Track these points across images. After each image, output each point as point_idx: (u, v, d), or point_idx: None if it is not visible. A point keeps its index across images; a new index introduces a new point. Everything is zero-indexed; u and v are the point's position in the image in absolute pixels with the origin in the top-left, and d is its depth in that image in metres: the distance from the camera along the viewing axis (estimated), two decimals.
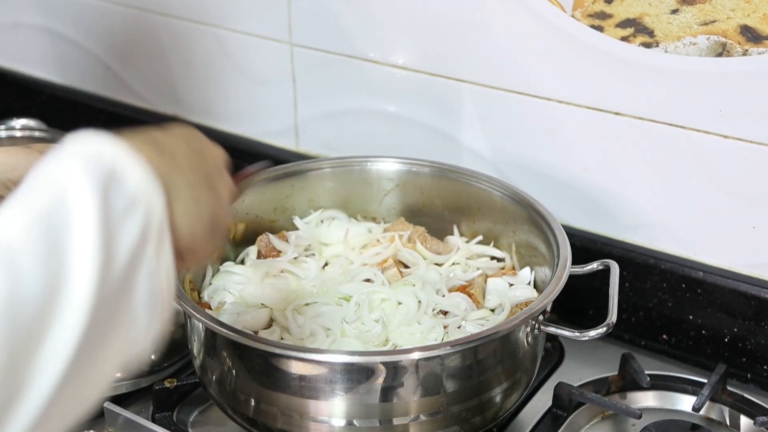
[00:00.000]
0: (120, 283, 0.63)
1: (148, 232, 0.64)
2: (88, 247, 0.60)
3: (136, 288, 0.64)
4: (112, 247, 0.62)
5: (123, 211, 0.63)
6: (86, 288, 0.60)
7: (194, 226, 0.71)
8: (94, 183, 0.62)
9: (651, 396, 1.16)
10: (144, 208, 0.64)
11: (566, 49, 1.19)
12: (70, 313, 0.59)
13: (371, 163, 1.26)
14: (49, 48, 1.73)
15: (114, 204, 0.62)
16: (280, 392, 0.96)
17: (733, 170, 1.14)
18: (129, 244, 0.63)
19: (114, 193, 0.63)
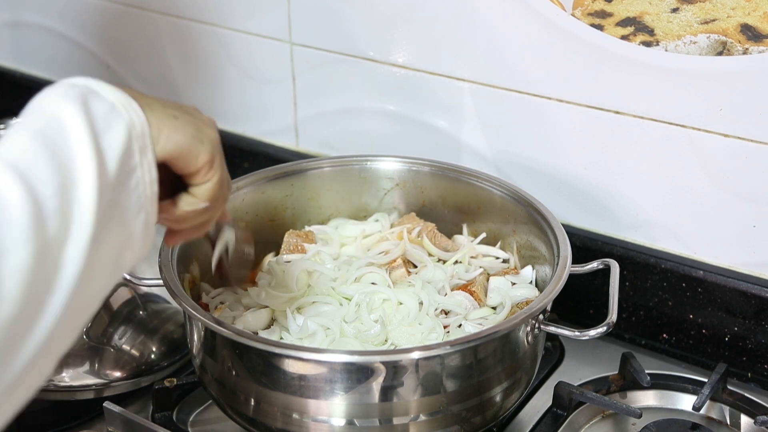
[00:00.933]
0: (114, 183, 0.68)
1: (132, 136, 0.70)
2: (85, 151, 0.66)
3: (125, 182, 0.69)
4: (103, 150, 0.67)
5: (105, 118, 0.69)
6: (91, 187, 0.65)
7: (176, 134, 0.74)
8: (74, 99, 0.68)
9: (651, 395, 1.16)
10: (124, 114, 0.70)
11: (566, 48, 1.18)
12: (84, 210, 0.64)
13: (371, 162, 1.26)
14: (49, 47, 1.73)
15: (95, 112, 0.68)
16: (279, 392, 0.96)
17: (734, 169, 1.14)
18: (117, 147, 0.68)
19: (93, 104, 0.69)
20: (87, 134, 0.66)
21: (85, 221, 0.64)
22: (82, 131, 0.66)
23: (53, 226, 0.62)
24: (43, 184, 0.63)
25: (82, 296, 0.66)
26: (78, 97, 0.68)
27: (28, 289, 0.60)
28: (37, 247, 0.61)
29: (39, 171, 0.63)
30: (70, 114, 0.67)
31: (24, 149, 0.64)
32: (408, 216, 1.24)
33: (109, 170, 0.67)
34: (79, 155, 0.65)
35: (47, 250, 0.62)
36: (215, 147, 0.78)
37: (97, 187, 0.65)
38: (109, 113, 0.69)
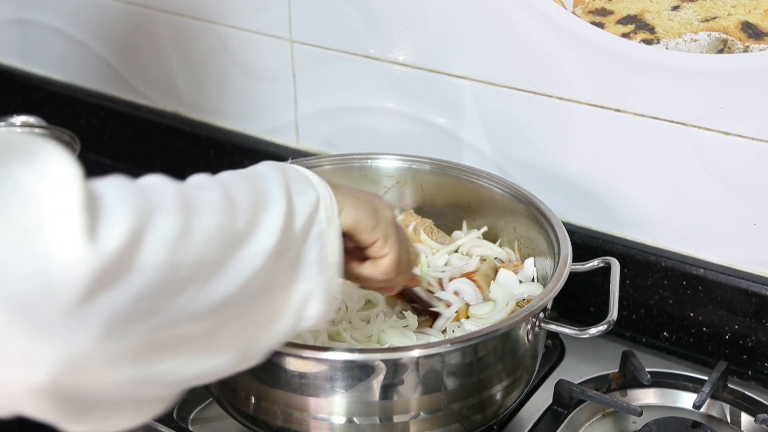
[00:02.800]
0: (299, 236, 0.78)
1: (320, 205, 0.80)
2: (279, 193, 0.77)
3: (308, 242, 0.79)
4: (294, 204, 0.78)
5: (299, 184, 0.80)
6: (279, 213, 0.75)
7: (355, 210, 0.85)
8: (274, 166, 0.82)
9: (652, 393, 1.16)
10: (316, 186, 0.81)
11: (567, 46, 1.18)
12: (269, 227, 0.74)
13: (371, 160, 1.26)
14: (50, 45, 1.73)
15: (292, 177, 0.80)
16: (280, 390, 0.96)
17: (734, 167, 1.14)
18: (307, 207, 0.79)
19: (291, 172, 0.81)
20: (282, 184, 0.78)
21: (270, 234, 0.74)
22: (279, 181, 0.78)
23: (242, 220, 0.72)
24: (238, 194, 0.74)
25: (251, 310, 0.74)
26: (279, 166, 0.82)
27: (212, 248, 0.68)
28: (226, 223, 0.70)
29: (237, 187, 0.74)
30: (270, 171, 0.80)
31: (228, 177, 0.77)
32: (406, 213, 1.24)
33: (296, 220, 0.77)
34: (273, 193, 0.76)
35: (233, 232, 0.71)
36: (389, 226, 0.89)
37: (284, 219, 0.75)
38: (304, 182, 0.81)
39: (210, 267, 0.69)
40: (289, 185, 0.79)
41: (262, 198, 0.75)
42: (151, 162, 1.64)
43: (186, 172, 1.73)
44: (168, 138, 1.61)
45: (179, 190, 0.69)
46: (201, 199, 0.70)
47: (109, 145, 1.69)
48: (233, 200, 0.72)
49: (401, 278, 0.92)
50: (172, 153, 1.61)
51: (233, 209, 0.72)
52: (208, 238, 0.68)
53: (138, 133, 1.65)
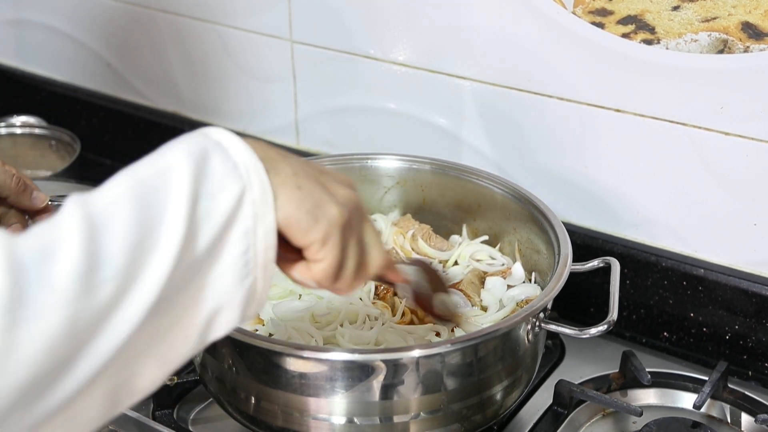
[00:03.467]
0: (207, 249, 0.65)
1: (243, 201, 0.67)
2: (178, 215, 0.63)
3: (225, 249, 0.66)
4: (200, 215, 0.65)
5: (220, 179, 0.66)
6: (168, 254, 0.62)
7: (289, 205, 0.71)
8: (194, 154, 0.66)
9: (652, 393, 1.16)
10: (244, 176, 0.67)
11: (567, 46, 1.18)
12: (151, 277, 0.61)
13: (372, 160, 1.25)
14: (50, 45, 1.73)
15: (212, 171, 0.66)
16: (280, 390, 0.96)
17: (735, 167, 1.14)
18: (223, 211, 0.66)
19: (213, 162, 0.67)
20: (188, 194, 0.64)
21: (148, 291, 0.61)
22: (185, 191, 0.64)
23: (105, 293, 0.59)
24: (112, 243, 0.60)
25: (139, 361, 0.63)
26: (199, 152, 0.67)
27: (51, 355, 0.56)
28: (76, 311, 0.57)
29: (116, 226, 0.60)
30: (181, 171, 0.65)
31: (114, 199, 0.62)
32: (404, 218, 1.24)
33: (201, 235, 0.64)
34: (169, 218, 0.63)
35: (88, 317, 0.58)
36: (333, 227, 0.72)
37: (176, 256, 0.62)
38: (226, 175, 0.67)
39: (50, 374, 0.56)
40: (198, 187, 0.65)
41: (149, 234, 0.61)
42: None
43: None
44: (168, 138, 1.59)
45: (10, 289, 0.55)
46: (44, 287, 0.56)
47: (109, 145, 1.69)
48: (98, 264, 0.58)
49: (344, 285, 0.77)
50: None
51: (94, 280, 0.58)
52: (44, 347, 0.55)
53: (138, 133, 1.65)
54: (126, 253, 0.60)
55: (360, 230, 0.76)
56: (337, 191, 0.74)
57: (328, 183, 0.74)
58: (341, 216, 0.73)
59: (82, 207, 0.61)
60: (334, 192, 0.74)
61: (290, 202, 0.70)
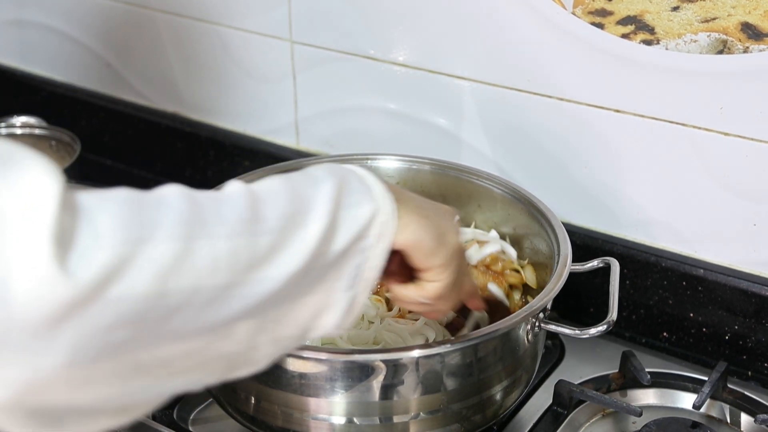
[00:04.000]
0: (338, 254, 0.72)
1: (373, 222, 0.75)
2: (323, 210, 0.71)
3: (351, 256, 0.74)
4: (338, 220, 0.72)
5: (356, 197, 0.74)
6: (314, 234, 0.70)
7: (420, 231, 0.79)
8: (335, 173, 0.75)
9: (651, 394, 1.16)
10: (377, 200, 0.75)
11: (566, 47, 1.18)
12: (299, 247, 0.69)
13: (371, 160, 1.25)
14: (50, 45, 1.73)
15: (350, 188, 0.74)
16: (280, 390, 0.96)
17: (734, 168, 1.14)
18: (355, 224, 0.73)
19: (351, 182, 0.75)
20: (332, 196, 0.72)
21: (295, 259, 0.68)
22: (329, 192, 0.72)
23: (263, 242, 0.67)
24: (270, 207, 0.68)
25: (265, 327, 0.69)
26: (339, 172, 0.76)
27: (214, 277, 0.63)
28: (239, 246, 0.65)
29: (274, 197, 0.69)
30: (326, 178, 0.74)
31: (271, 183, 0.72)
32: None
33: (337, 237, 0.72)
34: (317, 206, 0.71)
35: (247, 256, 0.65)
36: (454, 254, 0.82)
37: (318, 240, 0.70)
38: (362, 195, 0.75)
39: (211, 291, 0.64)
40: (341, 197, 0.73)
41: (300, 214, 0.70)
42: (151, 162, 1.64)
43: (186, 172, 1.74)
44: (168, 138, 1.62)
45: (189, 210, 0.63)
46: (215, 219, 0.64)
47: (109, 146, 1.69)
48: (259, 217, 0.67)
49: (444, 305, 0.87)
50: (172, 153, 1.62)
51: (255, 228, 0.66)
52: (213, 263, 0.63)
53: (138, 134, 1.65)
54: (280, 219, 0.68)
55: (463, 260, 0.86)
56: (450, 224, 0.84)
57: (443, 215, 0.85)
58: (459, 244, 0.84)
59: (244, 184, 0.70)
60: (449, 224, 0.84)
61: (420, 228, 0.79)
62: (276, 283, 0.67)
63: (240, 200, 0.67)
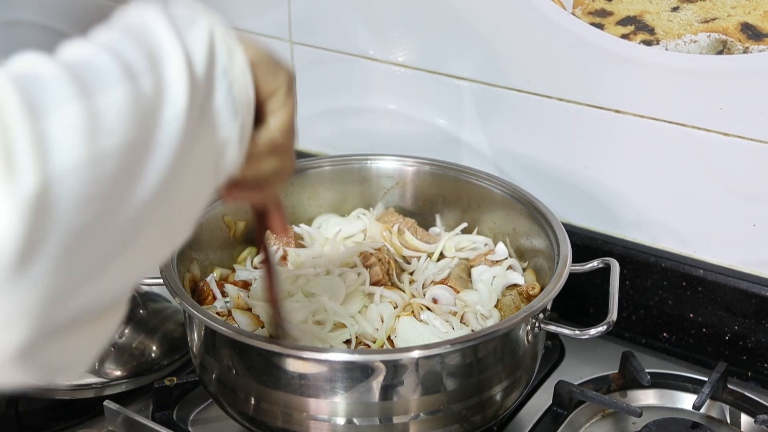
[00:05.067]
0: (204, 80, 0.66)
1: (215, 35, 0.68)
2: (171, 40, 0.65)
3: (215, 82, 0.67)
4: (188, 44, 0.66)
5: (186, 18, 0.67)
6: (179, 64, 0.64)
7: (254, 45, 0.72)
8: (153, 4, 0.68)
9: (651, 394, 1.16)
10: (205, 15, 0.68)
11: (566, 47, 1.18)
12: (176, 84, 0.63)
13: (371, 161, 1.26)
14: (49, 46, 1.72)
15: (176, 13, 0.67)
16: (280, 390, 0.96)
17: (734, 168, 1.14)
18: (202, 42, 0.67)
19: (173, 7, 0.68)
20: (168, 25, 0.65)
21: (179, 91, 0.63)
22: (164, 23, 0.65)
23: (146, 83, 0.61)
24: (128, 52, 0.62)
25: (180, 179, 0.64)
26: (157, 2, 0.69)
27: (130, 125, 0.59)
28: (132, 90, 0.60)
29: (124, 45, 0.63)
30: (152, 14, 0.66)
31: (110, 37, 0.64)
32: (386, 212, 1.24)
33: (196, 62, 0.66)
34: (164, 40, 0.64)
35: (144, 99, 0.60)
36: (291, 74, 0.75)
37: (186, 68, 0.64)
38: (192, 13, 0.68)
39: (136, 145, 0.59)
40: (174, 20, 0.67)
41: (154, 50, 0.64)
42: None
43: None
44: None
45: (66, 70, 0.58)
46: (93, 72, 0.59)
47: None
48: (126, 62, 0.61)
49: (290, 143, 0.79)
50: None
51: (131, 72, 0.61)
52: (121, 114, 0.58)
53: None
54: (143, 59, 0.62)
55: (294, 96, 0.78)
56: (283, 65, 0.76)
57: None
58: (292, 70, 0.75)
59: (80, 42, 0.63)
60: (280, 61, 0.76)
61: (254, 45, 0.72)
62: (178, 125, 0.62)
63: (101, 52, 0.61)
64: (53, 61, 0.60)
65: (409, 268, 1.17)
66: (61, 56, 0.62)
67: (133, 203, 0.60)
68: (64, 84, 0.57)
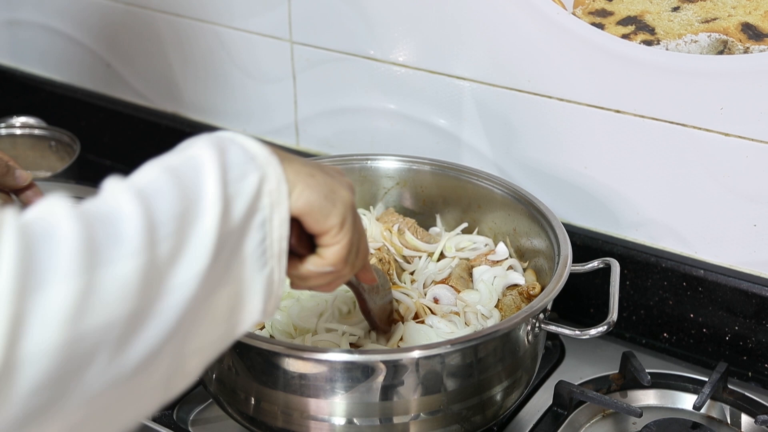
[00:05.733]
0: (237, 232, 0.67)
1: (262, 190, 0.69)
2: (213, 191, 0.65)
3: (248, 234, 0.68)
4: (231, 196, 0.67)
5: (240, 166, 0.68)
6: (212, 223, 0.64)
7: (308, 191, 0.73)
8: (214, 146, 0.69)
9: (652, 394, 1.16)
10: (261, 166, 0.70)
11: (567, 47, 1.18)
12: (201, 243, 0.63)
13: (371, 161, 1.25)
14: (49, 45, 1.73)
15: (232, 159, 0.68)
16: (280, 391, 0.96)
17: (734, 168, 1.14)
18: (247, 196, 0.68)
19: (231, 153, 0.69)
20: (218, 176, 0.66)
21: (201, 253, 0.63)
22: (214, 173, 0.66)
23: (165, 248, 0.61)
24: (162, 208, 0.62)
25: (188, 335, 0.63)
26: (218, 144, 0.69)
27: (129, 299, 0.57)
28: (145, 262, 0.59)
29: (162, 196, 0.63)
30: (207, 157, 0.67)
31: (153, 178, 0.65)
32: (386, 212, 1.24)
33: (233, 217, 0.66)
34: (207, 193, 0.65)
35: (155, 269, 0.60)
36: (348, 210, 0.77)
37: (218, 226, 0.64)
38: (245, 163, 0.69)
39: (126, 320, 0.57)
40: (227, 170, 0.67)
41: (192, 206, 0.64)
42: None
43: None
44: (168, 138, 1.61)
45: (82, 237, 0.56)
46: (113, 239, 0.58)
47: (109, 146, 1.69)
48: (154, 224, 0.61)
49: (349, 269, 0.81)
50: None
51: (154, 237, 0.60)
52: (122, 289, 0.57)
53: (138, 134, 1.65)
54: (176, 218, 0.62)
55: (357, 217, 0.80)
56: (340, 178, 0.78)
57: (330, 172, 0.78)
58: (351, 198, 0.78)
59: (124, 183, 0.64)
60: (338, 179, 0.78)
61: (308, 189, 0.73)
62: (189, 289, 0.62)
63: (132, 209, 0.60)
64: (75, 217, 0.57)
65: (410, 267, 1.17)
66: (90, 202, 0.61)
67: (107, 376, 0.57)
68: (74, 253, 0.56)
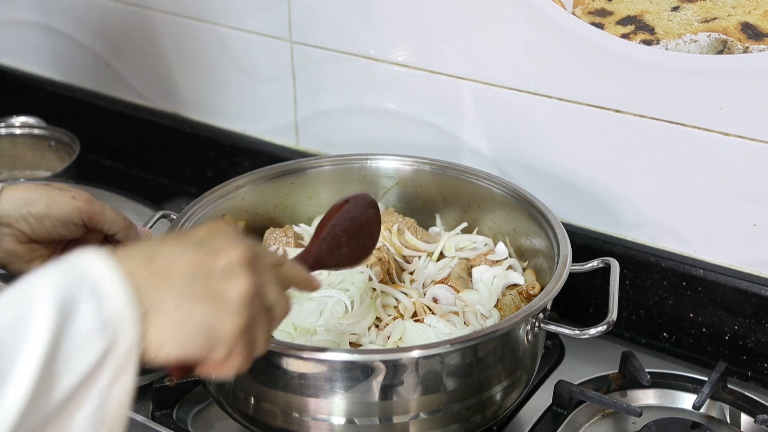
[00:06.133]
0: (60, 401, 0.61)
1: (104, 363, 0.63)
2: (27, 367, 0.59)
3: (82, 403, 0.63)
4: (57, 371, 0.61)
5: (82, 332, 0.62)
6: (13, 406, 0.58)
7: (184, 342, 0.68)
8: (59, 304, 0.61)
9: (651, 394, 1.16)
10: (109, 332, 0.63)
11: (566, 47, 1.18)
12: None
13: (371, 160, 1.25)
14: (49, 45, 1.73)
15: (77, 324, 0.62)
16: (279, 390, 0.96)
17: (734, 168, 1.14)
18: (81, 366, 0.62)
19: (80, 313, 0.62)
20: (41, 351, 0.59)
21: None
22: (39, 347, 0.60)
23: None
24: None
25: None
26: (67, 300, 0.62)
27: None
28: None
29: None
30: (38, 323, 0.60)
31: None
32: (386, 212, 1.24)
33: (54, 395, 0.61)
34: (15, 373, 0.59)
35: None
36: (235, 338, 0.70)
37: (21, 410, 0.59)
38: (90, 331, 0.62)
39: None
40: (60, 341, 0.60)
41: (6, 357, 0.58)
42: (151, 163, 1.64)
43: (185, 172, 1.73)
44: (168, 138, 1.61)
45: None
46: None
47: (108, 146, 1.69)
48: None
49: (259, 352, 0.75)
50: (172, 153, 1.61)
51: None
52: None
53: (138, 134, 1.65)
54: None
55: (262, 297, 0.73)
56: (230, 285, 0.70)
57: (218, 283, 0.70)
58: (241, 322, 0.70)
59: None
60: (226, 291, 0.70)
61: (183, 338, 0.67)
62: None
63: None
64: None
65: (409, 267, 1.17)
66: None
67: None
68: None
